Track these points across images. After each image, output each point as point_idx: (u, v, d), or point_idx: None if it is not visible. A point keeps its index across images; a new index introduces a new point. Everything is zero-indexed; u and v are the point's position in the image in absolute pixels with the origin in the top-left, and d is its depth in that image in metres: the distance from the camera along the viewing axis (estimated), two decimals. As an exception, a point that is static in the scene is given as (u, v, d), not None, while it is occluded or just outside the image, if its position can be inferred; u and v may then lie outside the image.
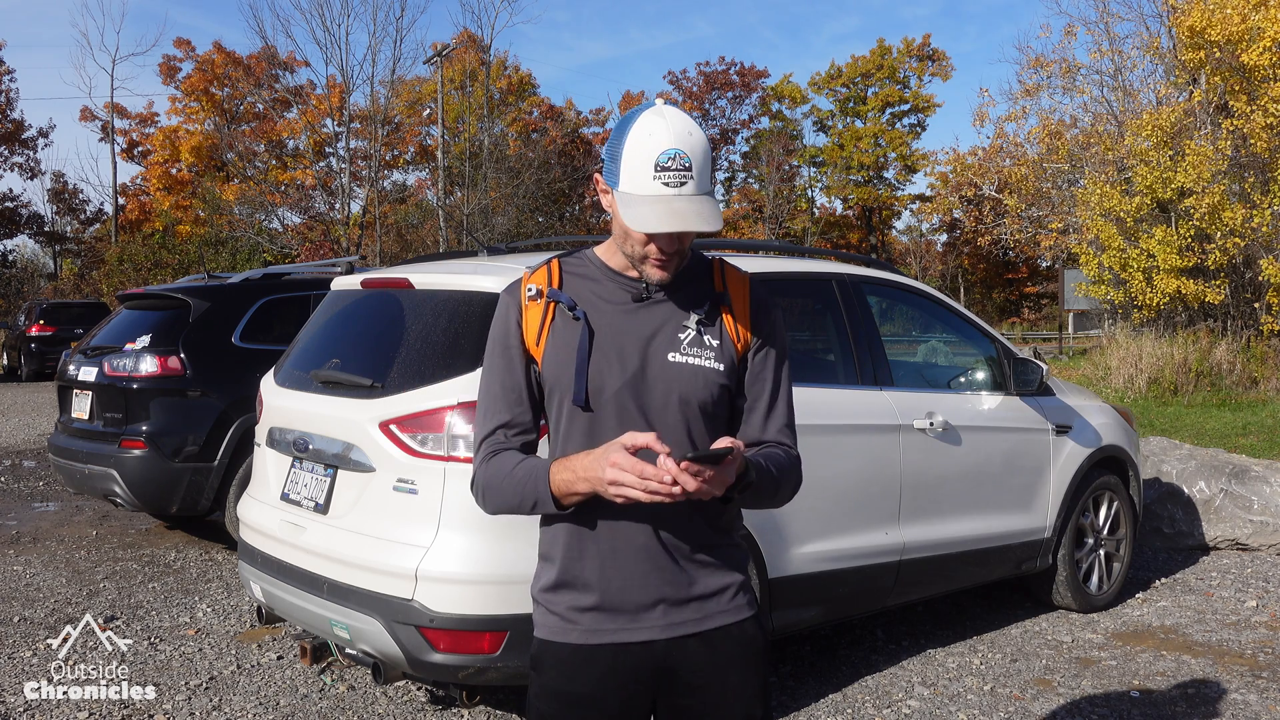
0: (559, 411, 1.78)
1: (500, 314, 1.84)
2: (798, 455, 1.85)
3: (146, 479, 6.01)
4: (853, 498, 4.12)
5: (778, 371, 1.85)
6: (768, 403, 1.84)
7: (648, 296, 1.79)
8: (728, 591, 1.81)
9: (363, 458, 3.49)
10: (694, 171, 1.66)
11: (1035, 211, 23.35)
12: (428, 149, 42.85)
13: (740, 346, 1.82)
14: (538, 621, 1.82)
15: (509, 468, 1.74)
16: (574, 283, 1.82)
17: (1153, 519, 6.64)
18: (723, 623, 1.80)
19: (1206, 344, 15.41)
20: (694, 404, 1.76)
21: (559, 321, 1.79)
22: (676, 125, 1.67)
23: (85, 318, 20.88)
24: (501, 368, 1.81)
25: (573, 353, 1.75)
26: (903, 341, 11.57)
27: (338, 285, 4.32)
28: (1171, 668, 4.44)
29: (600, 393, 1.74)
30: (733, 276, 1.86)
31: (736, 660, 1.81)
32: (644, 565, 1.75)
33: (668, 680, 1.79)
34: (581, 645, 1.76)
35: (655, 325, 1.77)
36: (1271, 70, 16.68)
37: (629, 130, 1.69)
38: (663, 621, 1.76)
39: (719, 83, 51.28)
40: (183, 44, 42.59)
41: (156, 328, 6.35)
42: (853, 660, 4.50)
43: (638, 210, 1.65)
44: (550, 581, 1.80)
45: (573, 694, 1.76)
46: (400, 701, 3.97)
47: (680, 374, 1.75)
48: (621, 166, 1.68)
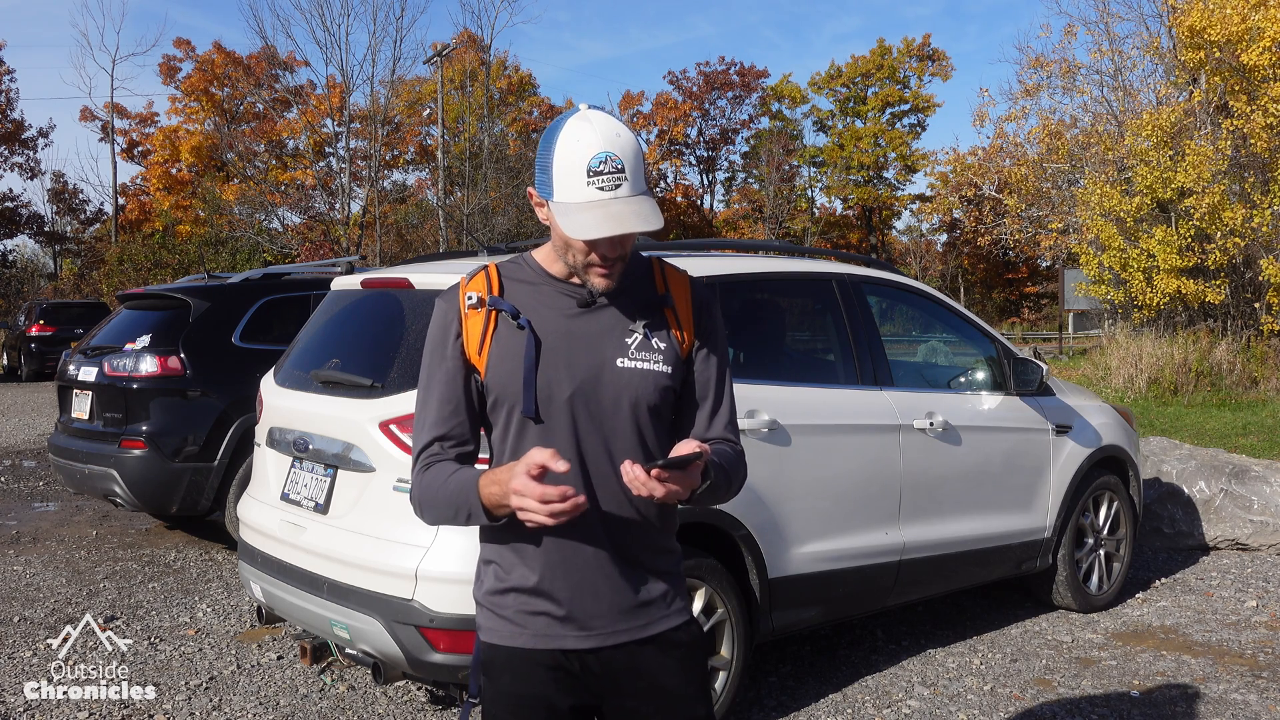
0: (507, 421, 1.76)
1: (437, 322, 1.80)
2: (742, 449, 1.87)
3: (146, 479, 6.01)
4: (853, 498, 4.12)
5: (721, 369, 1.86)
6: (713, 401, 1.85)
7: (592, 302, 1.77)
8: (668, 597, 1.83)
9: (363, 457, 3.49)
10: (627, 173, 1.63)
11: (1035, 211, 23.34)
12: (428, 149, 42.86)
13: (685, 347, 1.82)
14: (485, 625, 1.80)
15: (442, 479, 1.72)
16: (515, 289, 1.78)
17: (1153, 519, 6.64)
18: (665, 628, 1.81)
19: (1206, 344, 15.41)
20: (644, 407, 1.75)
21: (502, 330, 1.75)
22: (603, 128, 1.64)
23: (85, 318, 20.87)
24: (440, 379, 1.78)
25: (519, 362, 1.72)
26: (903, 341, 11.59)
27: (338, 285, 4.32)
28: (1171, 668, 4.44)
29: (550, 402, 1.72)
30: (674, 277, 1.85)
31: (680, 663, 1.83)
32: (593, 574, 1.75)
33: (613, 683, 1.80)
34: (531, 649, 1.76)
35: (601, 331, 1.76)
36: (1271, 70, 16.68)
37: (556, 139, 1.65)
38: (610, 629, 1.77)
39: (719, 83, 51.29)
40: (183, 44, 42.69)
41: (156, 328, 6.35)
42: (853, 660, 4.50)
43: (575, 219, 1.62)
44: (497, 586, 1.79)
45: (527, 696, 1.77)
46: (400, 701, 3.97)
47: (630, 379, 1.74)
48: (554, 177, 1.65)
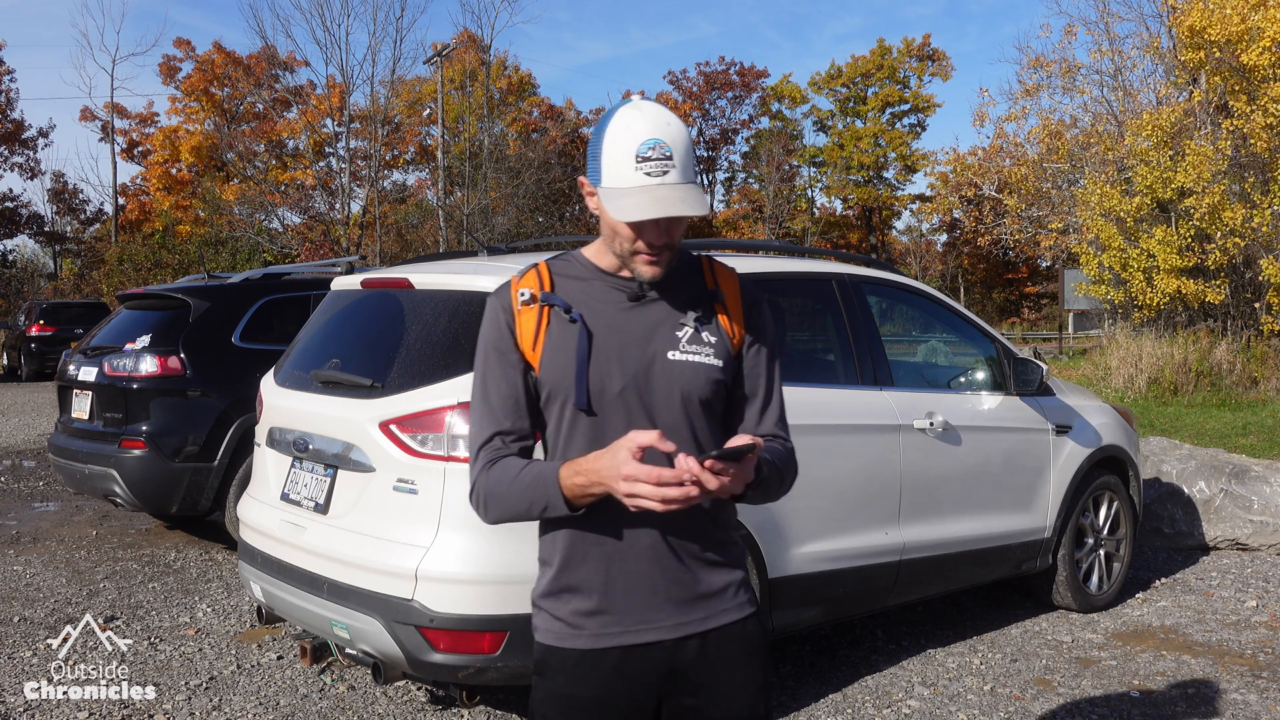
0: (560, 415, 1.76)
1: (490, 319, 1.81)
2: (793, 447, 1.86)
3: (146, 479, 6.01)
4: (853, 498, 4.12)
5: (770, 366, 1.87)
6: (763, 397, 1.85)
7: (643, 296, 1.78)
8: (730, 589, 1.81)
9: (363, 458, 3.49)
10: (675, 160, 1.65)
11: (1035, 211, 23.34)
12: (428, 149, 42.84)
13: (735, 342, 1.82)
14: (540, 627, 1.80)
15: (514, 473, 1.71)
16: (566, 285, 1.80)
17: (1153, 519, 6.64)
18: (726, 620, 1.80)
19: (1206, 344, 15.41)
20: (695, 401, 1.76)
21: (555, 325, 1.76)
22: (654, 116, 1.67)
23: (85, 318, 20.87)
24: (496, 374, 1.78)
25: (572, 356, 1.73)
26: (903, 341, 11.57)
27: (338, 285, 4.32)
28: (1171, 668, 4.44)
29: (602, 395, 1.73)
30: (723, 273, 1.87)
31: (740, 658, 1.81)
32: (649, 566, 1.74)
33: (672, 680, 1.78)
34: (589, 650, 1.75)
35: (652, 324, 1.77)
36: (1271, 70, 16.68)
37: (607, 127, 1.69)
38: (668, 622, 1.76)
39: (719, 83, 51.27)
40: (183, 44, 42.61)
41: (156, 328, 6.35)
42: (853, 660, 4.50)
43: (621, 202, 1.64)
44: (552, 586, 1.79)
45: (579, 698, 1.75)
46: (400, 701, 3.97)
47: (682, 371, 1.75)
48: (603, 163, 1.68)
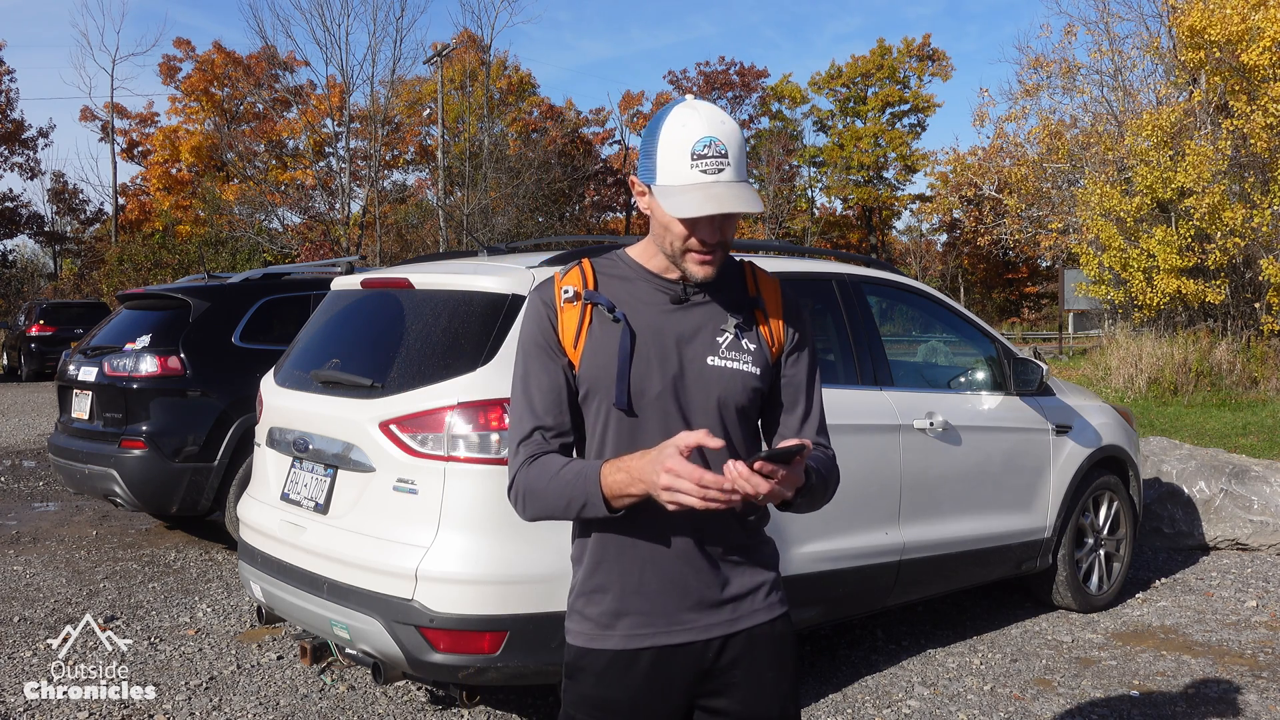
0: (598, 414, 1.75)
1: (532, 316, 1.79)
2: (834, 454, 1.86)
3: (146, 479, 6.01)
4: (853, 498, 4.11)
5: (811, 375, 1.86)
6: (804, 406, 1.85)
7: (686, 299, 1.77)
8: (762, 590, 1.81)
9: (363, 458, 3.49)
10: (730, 159, 1.65)
11: (1035, 211, 23.35)
12: (428, 149, 42.84)
13: (775, 350, 1.82)
14: (572, 629, 1.80)
15: (554, 470, 1.70)
16: (609, 284, 1.79)
17: (1153, 519, 6.64)
18: (758, 621, 1.79)
19: (1206, 344, 15.41)
20: (732, 407, 1.75)
21: (597, 324, 1.75)
22: (709, 115, 1.67)
23: (85, 318, 20.86)
24: (538, 370, 1.77)
25: (613, 355, 1.72)
26: (903, 341, 11.58)
27: (338, 285, 4.32)
28: (1171, 668, 4.44)
29: (641, 396, 1.72)
30: (764, 280, 1.86)
31: (772, 659, 1.80)
32: (681, 568, 1.74)
33: (703, 682, 1.78)
34: (621, 651, 1.74)
35: (693, 328, 1.76)
36: (1271, 70, 16.68)
37: (662, 125, 1.68)
38: (700, 623, 1.75)
39: (719, 83, 51.27)
40: (183, 44, 42.61)
41: (156, 328, 6.35)
42: (853, 660, 4.50)
43: (677, 199, 1.64)
44: (585, 587, 1.78)
45: (610, 700, 1.74)
46: (400, 701, 3.97)
47: (720, 377, 1.74)
48: (657, 161, 1.67)
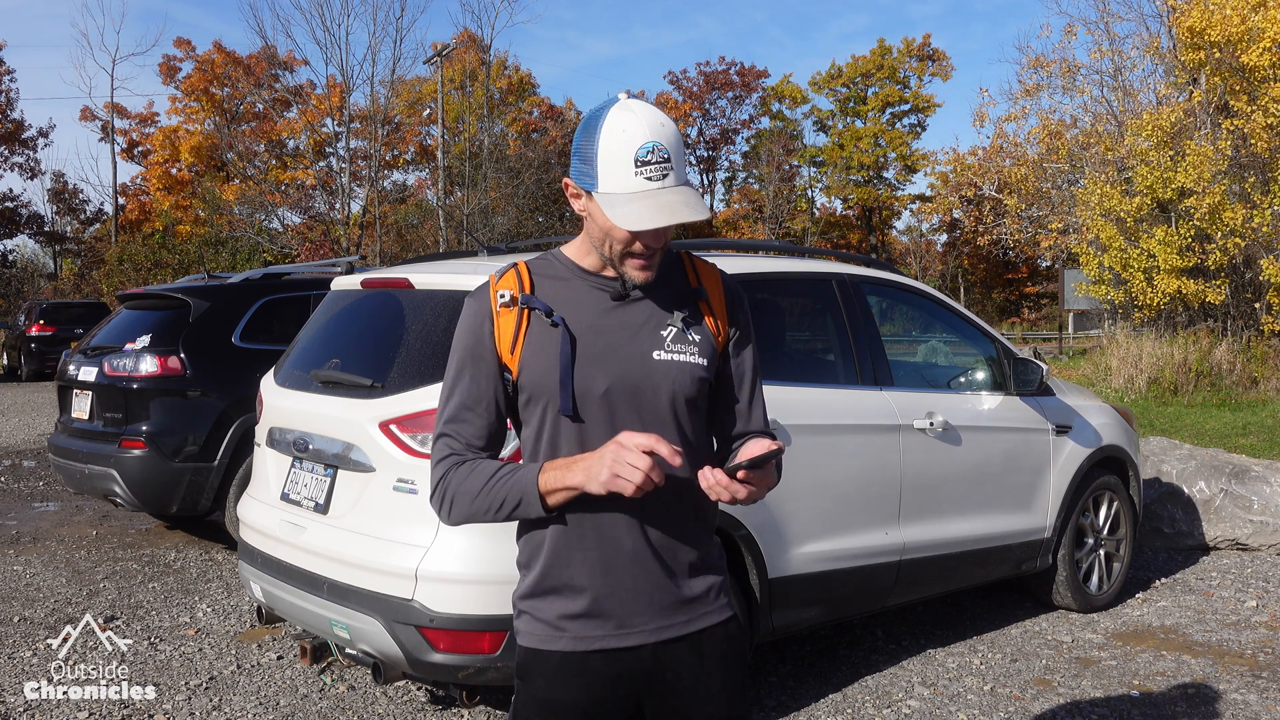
0: (542, 419, 1.74)
1: (468, 321, 1.77)
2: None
3: (146, 479, 6.01)
4: (853, 498, 4.12)
5: (754, 362, 1.87)
6: (749, 393, 1.85)
7: (626, 294, 1.75)
8: (710, 592, 1.81)
9: (363, 458, 3.49)
10: (673, 162, 1.63)
11: (1035, 211, 23.33)
12: (428, 149, 42.84)
13: (720, 340, 1.81)
14: (522, 630, 1.79)
15: (485, 471, 1.69)
16: (546, 285, 1.76)
17: (1153, 519, 6.63)
18: (708, 624, 1.80)
19: (1206, 344, 15.41)
20: (682, 400, 1.75)
21: (535, 328, 1.73)
22: (648, 118, 1.63)
23: (85, 318, 20.86)
24: (470, 378, 1.75)
25: (554, 360, 1.70)
26: (903, 341, 11.58)
27: (338, 285, 4.32)
28: (1171, 668, 4.44)
29: (586, 397, 1.70)
30: (705, 270, 1.85)
31: (721, 660, 1.81)
32: (633, 570, 1.73)
33: (654, 683, 1.78)
34: (571, 653, 1.73)
35: (637, 324, 1.74)
36: (1271, 70, 16.68)
37: (600, 130, 1.64)
38: (651, 625, 1.75)
39: (719, 83, 51.26)
40: (183, 44, 42.65)
41: (156, 328, 6.35)
42: (853, 660, 4.50)
43: (624, 209, 1.61)
44: (535, 588, 1.77)
45: (561, 702, 1.74)
46: (400, 701, 3.97)
47: (668, 371, 1.73)
48: (598, 168, 1.63)
